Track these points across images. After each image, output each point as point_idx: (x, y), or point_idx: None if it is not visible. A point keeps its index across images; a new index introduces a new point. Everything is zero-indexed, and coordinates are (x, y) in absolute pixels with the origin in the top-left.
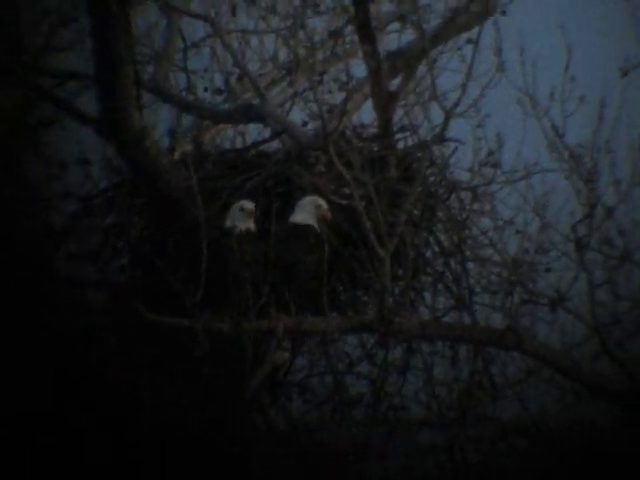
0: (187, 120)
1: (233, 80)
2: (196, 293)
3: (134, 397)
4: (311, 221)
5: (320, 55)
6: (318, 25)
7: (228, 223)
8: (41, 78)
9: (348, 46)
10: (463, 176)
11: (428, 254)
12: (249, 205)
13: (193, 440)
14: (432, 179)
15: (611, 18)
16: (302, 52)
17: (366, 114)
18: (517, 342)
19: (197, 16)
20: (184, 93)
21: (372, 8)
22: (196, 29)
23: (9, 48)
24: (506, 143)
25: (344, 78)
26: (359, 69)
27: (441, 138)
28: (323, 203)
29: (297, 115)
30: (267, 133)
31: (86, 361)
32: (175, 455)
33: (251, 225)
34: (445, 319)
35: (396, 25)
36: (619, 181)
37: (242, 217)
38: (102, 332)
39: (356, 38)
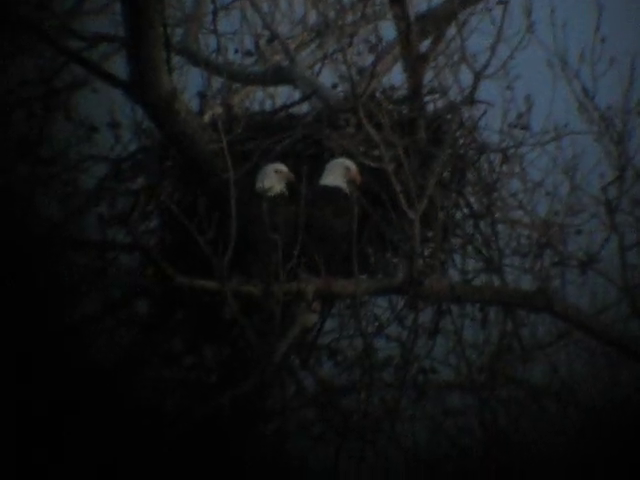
0: (217, 82)
1: (263, 42)
2: (225, 256)
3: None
4: (341, 183)
5: (350, 17)
6: None
7: (258, 185)
8: (71, 41)
9: (378, 8)
10: (493, 138)
11: (458, 216)
12: (284, 167)
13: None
14: (462, 141)
15: None
16: (332, 14)
17: (396, 76)
18: (547, 304)
19: None
20: (214, 55)
21: None
22: None
23: (40, 11)
24: (536, 105)
25: (374, 40)
26: (389, 31)
27: (471, 100)
28: (352, 165)
29: (327, 77)
30: (297, 95)
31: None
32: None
33: (283, 188)
34: (475, 281)
35: None
36: None
37: (276, 179)
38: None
39: (386, 0)
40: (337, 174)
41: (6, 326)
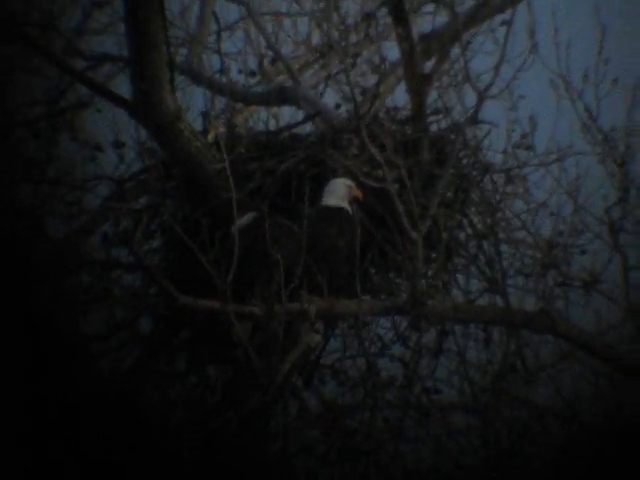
0: (220, 102)
1: (266, 63)
2: (227, 276)
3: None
4: (344, 203)
5: (353, 37)
6: (351, 7)
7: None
8: (76, 61)
9: (381, 28)
10: (496, 158)
11: (461, 236)
12: (352, 184)
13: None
14: (465, 161)
15: None
16: (335, 35)
17: (399, 96)
18: (550, 325)
19: None
20: (217, 75)
21: None
22: (230, 11)
23: (44, 31)
24: (539, 125)
25: (377, 61)
26: (392, 51)
27: (474, 120)
28: (352, 184)
29: (330, 98)
30: (300, 116)
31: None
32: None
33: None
34: (478, 302)
35: (430, 7)
36: None
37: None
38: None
39: (389, 20)
40: (339, 194)
41: (11, 345)
